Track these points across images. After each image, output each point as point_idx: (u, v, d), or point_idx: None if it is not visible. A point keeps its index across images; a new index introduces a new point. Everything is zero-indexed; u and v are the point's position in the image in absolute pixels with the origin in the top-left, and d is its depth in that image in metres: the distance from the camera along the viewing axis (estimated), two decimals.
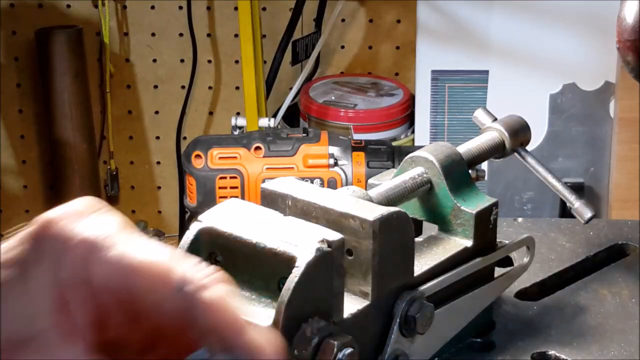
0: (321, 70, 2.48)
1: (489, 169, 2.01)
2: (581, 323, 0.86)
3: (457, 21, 2.07)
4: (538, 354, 0.82)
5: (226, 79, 2.52)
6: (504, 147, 0.90)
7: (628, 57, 0.92)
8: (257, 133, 1.79)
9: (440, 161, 0.82)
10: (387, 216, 0.70)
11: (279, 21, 2.39)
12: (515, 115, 0.92)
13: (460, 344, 0.82)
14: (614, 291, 0.91)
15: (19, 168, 2.55)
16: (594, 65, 2.03)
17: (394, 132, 2.19)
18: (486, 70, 2.07)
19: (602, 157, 2.07)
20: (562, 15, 2.02)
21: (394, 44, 2.47)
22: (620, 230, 1.02)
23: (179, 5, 2.43)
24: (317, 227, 0.66)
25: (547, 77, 2.06)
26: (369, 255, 0.70)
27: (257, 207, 0.68)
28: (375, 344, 0.73)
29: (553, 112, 2.07)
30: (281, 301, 0.61)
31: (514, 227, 1.02)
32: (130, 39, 2.49)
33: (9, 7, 2.45)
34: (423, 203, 0.83)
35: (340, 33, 2.46)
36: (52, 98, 2.38)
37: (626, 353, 0.81)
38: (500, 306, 0.88)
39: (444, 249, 0.80)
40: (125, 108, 2.55)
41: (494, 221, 0.82)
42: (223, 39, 2.49)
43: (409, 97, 2.23)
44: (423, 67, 2.10)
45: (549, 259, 0.97)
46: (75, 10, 2.45)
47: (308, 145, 1.74)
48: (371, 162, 1.72)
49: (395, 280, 0.73)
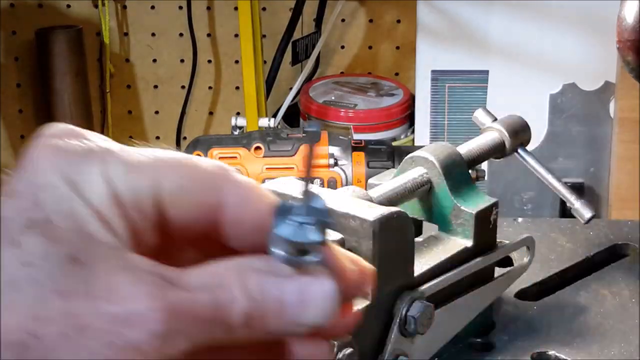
0: (321, 70, 2.48)
1: (489, 169, 2.00)
2: (581, 323, 0.86)
3: (457, 21, 2.07)
4: (538, 354, 0.82)
5: (226, 79, 2.52)
6: (504, 147, 0.90)
7: (628, 57, 0.92)
8: (257, 133, 1.79)
9: (440, 161, 0.82)
10: (387, 216, 0.70)
11: (279, 21, 2.39)
12: (515, 115, 0.92)
13: (460, 344, 0.83)
14: (614, 291, 0.91)
15: None
16: (594, 65, 2.03)
17: (394, 132, 2.19)
18: (486, 70, 2.07)
19: (602, 157, 2.07)
20: (562, 15, 2.02)
21: (394, 44, 2.47)
22: (620, 230, 1.02)
23: (179, 5, 2.43)
24: None
25: (547, 77, 2.05)
26: (369, 255, 0.70)
27: None
28: (375, 344, 0.73)
29: (553, 112, 2.07)
30: None
31: (514, 227, 1.02)
32: (130, 39, 2.49)
33: (9, 7, 2.45)
34: (423, 203, 0.83)
35: (340, 33, 2.46)
36: (52, 98, 2.38)
37: (626, 353, 0.81)
38: (500, 306, 0.88)
39: (444, 249, 0.80)
40: (125, 108, 2.55)
41: (494, 221, 0.82)
42: (223, 39, 2.49)
43: (409, 97, 2.23)
44: (423, 67, 2.10)
45: (549, 259, 0.97)
46: (75, 10, 2.45)
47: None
48: (371, 162, 1.72)
49: (395, 280, 0.73)
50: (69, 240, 0.42)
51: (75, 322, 0.41)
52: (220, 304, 0.43)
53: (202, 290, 0.43)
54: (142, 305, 0.41)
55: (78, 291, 0.41)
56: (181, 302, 0.42)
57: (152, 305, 0.41)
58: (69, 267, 0.41)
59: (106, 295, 0.41)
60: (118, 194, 0.44)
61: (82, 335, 0.40)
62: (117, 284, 0.41)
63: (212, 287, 0.43)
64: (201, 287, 0.43)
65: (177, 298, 0.42)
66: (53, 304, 0.40)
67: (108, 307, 0.41)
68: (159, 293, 0.42)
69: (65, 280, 0.41)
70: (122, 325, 0.41)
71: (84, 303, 0.41)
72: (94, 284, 0.41)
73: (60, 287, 0.41)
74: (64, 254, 0.41)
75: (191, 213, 0.46)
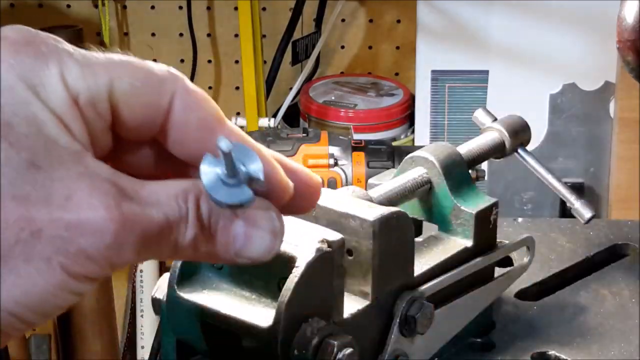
0: (321, 70, 2.48)
1: (489, 169, 2.00)
2: (581, 323, 0.86)
3: (457, 21, 2.07)
4: (538, 354, 0.82)
5: (226, 79, 2.52)
6: (504, 147, 0.90)
7: (628, 57, 0.92)
8: (257, 133, 1.79)
9: (440, 161, 0.82)
10: (387, 216, 0.70)
11: (279, 21, 2.39)
12: (515, 115, 0.92)
13: (460, 344, 0.82)
14: (614, 291, 0.91)
15: None
16: (594, 65, 2.03)
17: (394, 132, 2.19)
18: (486, 70, 2.07)
19: (602, 157, 2.07)
20: (562, 15, 2.02)
21: (394, 44, 2.47)
22: (620, 230, 1.02)
23: (179, 5, 2.42)
24: (317, 227, 0.66)
25: (547, 77, 2.05)
26: (369, 255, 0.70)
27: None
28: (375, 344, 0.73)
29: (553, 112, 2.07)
30: (281, 301, 0.61)
31: (514, 227, 1.02)
32: (130, 39, 2.49)
33: (9, 7, 2.45)
34: (423, 203, 0.83)
35: (340, 33, 2.46)
36: None
37: (626, 353, 0.81)
38: (500, 306, 0.88)
39: (444, 249, 0.80)
40: None
41: (494, 221, 0.82)
42: (223, 39, 2.49)
43: (409, 97, 2.23)
44: (423, 67, 2.10)
45: (549, 259, 0.97)
46: (75, 10, 2.45)
47: (308, 145, 1.74)
48: (371, 162, 1.72)
49: (395, 280, 0.73)
50: (29, 146, 0.42)
51: (31, 227, 0.41)
52: (172, 224, 0.44)
53: (157, 208, 0.44)
54: (96, 214, 0.42)
55: (36, 197, 0.41)
56: (134, 216, 0.43)
57: (106, 216, 0.42)
58: (28, 172, 0.42)
59: (63, 202, 0.42)
60: (75, 95, 0.45)
61: (36, 240, 0.41)
62: (74, 192, 0.42)
63: (166, 206, 0.44)
64: (156, 204, 0.44)
65: (131, 211, 0.43)
66: (10, 208, 0.41)
67: (63, 214, 0.42)
68: (114, 204, 0.42)
69: (24, 186, 0.41)
70: (75, 232, 0.42)
71: (40, 209, 0.41)
72: (52, 190, 0.42)
73: (19, 192, 0.41)
74: (24, 159, 0.42)
75: (141, 114, 0.47)
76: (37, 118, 0.43)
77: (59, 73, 0.45)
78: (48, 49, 0.45)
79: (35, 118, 0.43)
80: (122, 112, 0.47)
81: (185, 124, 0.48)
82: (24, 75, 0.44)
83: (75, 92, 0.45)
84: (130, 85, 0.47)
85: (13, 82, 0.43)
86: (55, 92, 0.44)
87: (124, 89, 0.46)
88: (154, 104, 0.47)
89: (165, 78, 0.48)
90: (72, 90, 0.45)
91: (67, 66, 0.45)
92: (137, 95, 0.47)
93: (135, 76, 0.47)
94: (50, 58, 0.45)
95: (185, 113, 0.48)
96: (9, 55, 0.44)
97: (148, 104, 0.47)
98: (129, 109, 0.47)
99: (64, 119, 0.44)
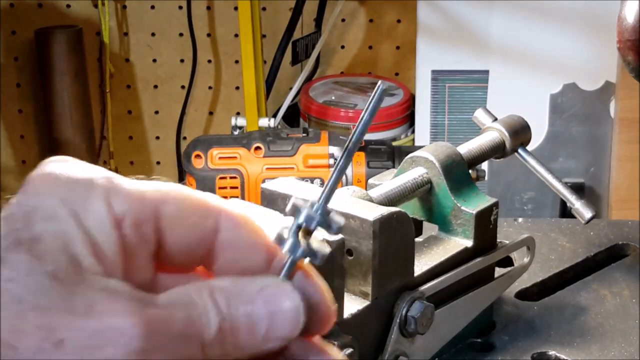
0: (321, 70, 2.48)
1: (489, 169, 2.01)
2: (581, 323, 0.86)
3: (457, 21, 2.07)
4: (538, 354, 0.82)
5: (226, 79, 2.52)
6: (504, 147, 0.90)
7: (628, 57, 0.92)
8: (257, 133, 1.79)
9: (440, 161, 0.82)
10: (387, 216, 0.70)
11: (279, 21, 2.39)
12: (515, 115, 0.92)
13: (460, 344, 0.82)
14: (614, 291, 0.91)
15: (19, 168, 2.55)
16: (594, 65, 2.03)
17: (394, 132, 2.19)
18: (486, 70, 2.07)
19: (602, 157, 2.07)
20: (562, 15, 2.02)
21: (394, 44, 2.47)
22: (620, 230, 1.02)
23: (179, 5, 2.43)
24: None
25: (547, 77, 2.05)
26: (369, 255, 0.70)
27: (256, 207, 0.68)
28: (375, 344, 0.73)
29: (553, 112, 2.07)
30: None
31: (514, 227, 1.02)
32: (130, 39, 2.49)
33: (9, 7, 2.45)
34: (423, 203, 0.83)
35: (340, 33, 2.46)
36: (52, 98, 2.38)
37: (626, 353, 0.81)
38: (501, 306, 0.88)
39: (444, 249, 0.80)
40: (125, 108, 2.55)
41: (494, 221, 0.82)
42: (223, 39, 2.49)
43: (409, 97, 2.23)
44: (423, 67, 2.10)
45: (549, 259, 0.97)
46: (75, 10, 2.45)
47: (308, 145, 1.74)
48: (371, 162, 1.72)
49: (395, 280, 0.73)
50: (53, 259, 0.43)
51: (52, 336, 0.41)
52: (194, 318, 0.44)
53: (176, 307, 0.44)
54: (121, 320, 0.42)
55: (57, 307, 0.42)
56: (157, 318, 0.43)
57: (130, 321, 0.42)
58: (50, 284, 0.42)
59: (85, 311, 0.42)
60: (120, 217, 0.45)
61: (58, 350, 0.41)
62: (96, 302, 0.42)
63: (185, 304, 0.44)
64: (175, 305, 0.44)
65: (154, 314, 0.43)
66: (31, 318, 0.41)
67: (86, 322, 0.41)
68: (137, 309, 0.42)
69: (45, 296, 0.42)
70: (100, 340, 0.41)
71: (62, 318, 0.41)
72: (73, 300, 0.42)
73: (40, 302, 0.42)
74: (47, 271, 0.42)
75: (188, 236, 0.47)
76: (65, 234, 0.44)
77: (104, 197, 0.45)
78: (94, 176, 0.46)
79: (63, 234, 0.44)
80: (169, 235, 0.47)
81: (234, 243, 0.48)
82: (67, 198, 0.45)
83: (121, 215, 0.45)
84: (178, 209, 0.47)
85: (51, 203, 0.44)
86: (96, 213, 0.45)
87: (170, 212, 0.47)
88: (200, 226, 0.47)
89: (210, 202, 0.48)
90: (117, 212, 0.45)
91: (113, 191, 0.46)
92: (184, 218, 0.47)
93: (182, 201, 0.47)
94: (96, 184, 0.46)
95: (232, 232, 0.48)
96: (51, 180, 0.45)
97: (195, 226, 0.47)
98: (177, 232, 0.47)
99: (96, 239, 0.44)
